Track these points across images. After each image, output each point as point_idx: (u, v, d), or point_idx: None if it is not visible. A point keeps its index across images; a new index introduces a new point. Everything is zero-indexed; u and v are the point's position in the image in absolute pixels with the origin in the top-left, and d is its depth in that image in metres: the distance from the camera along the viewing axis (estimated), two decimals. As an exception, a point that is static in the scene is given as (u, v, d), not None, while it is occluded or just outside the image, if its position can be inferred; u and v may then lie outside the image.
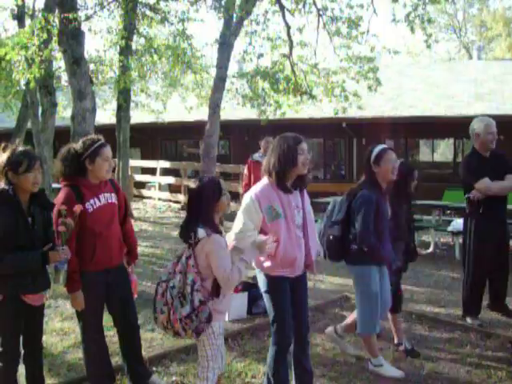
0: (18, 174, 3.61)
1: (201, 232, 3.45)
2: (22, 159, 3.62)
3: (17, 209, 3.62)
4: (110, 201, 4.21)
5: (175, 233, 12.25)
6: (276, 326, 3.99)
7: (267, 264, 3.94)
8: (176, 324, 3.46)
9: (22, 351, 3.85)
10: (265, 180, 4.00)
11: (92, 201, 4.07)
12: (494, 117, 6.67)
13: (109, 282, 4.20)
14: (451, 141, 17.78)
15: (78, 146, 4.15)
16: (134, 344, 4.49)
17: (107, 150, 4.15)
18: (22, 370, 3.88)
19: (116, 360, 4.87)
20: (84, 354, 4.32)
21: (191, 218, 3.59)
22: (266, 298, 4.07)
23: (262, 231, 3.88)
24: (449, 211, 12.07)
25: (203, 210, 3.53)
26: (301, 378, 4.21)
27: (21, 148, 3.71)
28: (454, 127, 16.10)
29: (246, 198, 3.94)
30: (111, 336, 5.46)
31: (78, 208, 3.69)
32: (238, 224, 3.89)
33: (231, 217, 3.78)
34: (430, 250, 10.76)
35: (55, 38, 9.40)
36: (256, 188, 3.98)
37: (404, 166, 4.99)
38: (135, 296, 4.54)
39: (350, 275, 4.91)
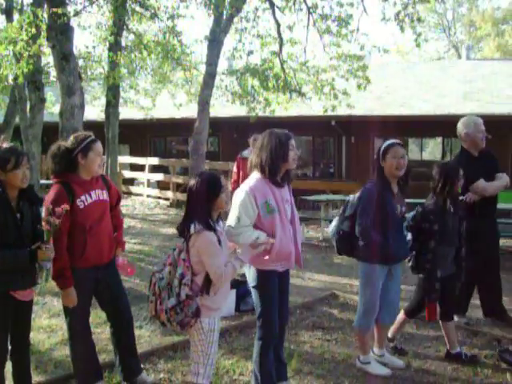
0: (5, 172, 3.58)
1: (192, 227, 3.45)
2: (9, 156, 3.59)
3: (6, 206, 3.60)
4: (101, 198, 4.22)
5: (164, 230, 12.25)
6: (263, 320, 4.02)
7: (260, 258, 3.92)
8: (162, 314, 3.51)
9: (10, 347, 3.83)
10: (256, 175, 3.99)
11: (83, 197, 4.07)
12: (483, 116, 6.69)
13: (98, 278, 4.21)
14: (440, 139, 17.87)
15: (68, 142, 4.16)
16: (129, 337, 4.49)
17: (99, 146, 4.18)
18: (8, 366, 3.86)
19: (103, 357, 4.87)
20: (71, 351, 4.30)
21: (188, 212, 3.58)
22: (254, 293, 4.07)
23: (255, 226, 3.88)
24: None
25: (199, 205, 3.51)
26: (278, 369, 4.23)
27: (6, 145, 3.68)
28: (443, 126, 16.13)
29: (241, 194, 3.90)
30: (98, 333, 5.46)
31: (62, 208, 3.66)
32: (233, 220, 3.85)
33: (222, 214, 3.74)
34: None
35: (44, 34, 9.33)
36: (249, 183, 3.96)
37: (447, 166, 4.96)
38: (133, 272, 4.67)
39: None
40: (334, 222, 4.88)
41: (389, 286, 4.68)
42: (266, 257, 3.90)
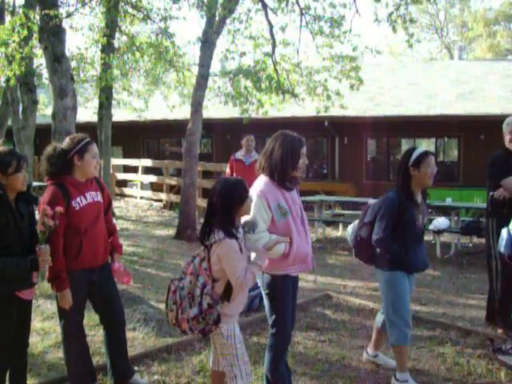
0: (6, 175, 3.58)
1: (216, 235, 3.38)
2: (10, 160, 3.58)
3: (7, 208, 3.60)
4: (95, 199, 4.22)
5: (157, 231, 12.24)
6: (278, 328, 3.92)
7: (275, 263, 3.82)
8: (183, 323, 3.48)
9: None
10: (264, 178, 3.89)
11: (78, 199, 4.07)
12: (475, 116, 6.73)
13: (93, 280, 4.20)
14: (433, 140, 17.92)
15: (64, 143, 4.17)
16: (120, 341, 4.47)
17: (95, 147, 4.21)
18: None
19: (97, 360, 4.86)
20: (65, 354, 4.29)
21: (210, 219, 3.49)
22: (268, 300, 3.94)
23: (269, 231, 3.77)
24: (430, 210, 12.14)
25: (223, 212, 3.43)
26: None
27: (4, 148, 3.67)
28: (436, 126, 16.25)
29: (252, 197, 3.73)
30: (91, 336, 5.45)
31: (57, 210, 3.65)
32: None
33: None
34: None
35: (36, 35, 9.32)
36: (259, 187, 3.83)
37: None
38: (129, 282, 4.60)
39: (378, 279, 4.64)
40: (352, 227, 4.78)
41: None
42: (277, 261, 3.80)
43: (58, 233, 3.84)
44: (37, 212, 3.80)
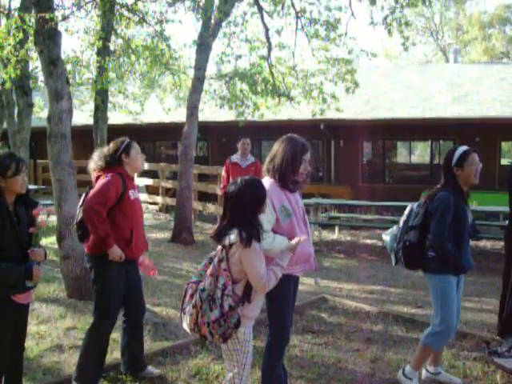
0: (5, 178, 3.58)
1: (234, 236, 3.30)
2: (9, 163, 3.59)
3: (4, 211, 3.59)
4: (138, 196, 4.66)
5: (153, 234, 12.21)
6: (278, 328, 3.94)
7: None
8: (203, 328, 3.34)
9: None
10: (269, 180, 3.93)
11: (132, 190, 4.50)
12: (470, 119, 6.73)
13: (127, 270, 4.51)
14: (428, 143, 17.96)
15: (110, 146, 4.56)
16: (138, 328, 4.76)
17: (137, 145, 4.64)
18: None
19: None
20: (85, 345, 4.44)
21: (229, 219, 3.40)
22: (269, 300, 3.93)
23: (273, 231, 3.78)
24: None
25: (246, 212, 3.36)
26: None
27: (4, 151, 3.69)
28: (431, 129, 16.29)
29: None
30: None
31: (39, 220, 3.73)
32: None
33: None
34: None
35: (31, 38, 9.29)
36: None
37: None
38: (155, 273, 4.92)
39: (428, 284, 4.53)
40: (390, 233, 4.67)
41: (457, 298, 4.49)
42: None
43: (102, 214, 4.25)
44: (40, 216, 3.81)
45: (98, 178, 4.48)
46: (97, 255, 4.39)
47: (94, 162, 4.53)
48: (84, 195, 4.51)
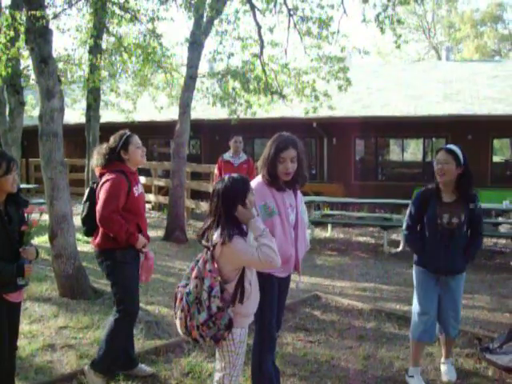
0: None
1: (216, 236, 3.29)
2: (0, 162, 3.57)
3: None
4: (141, 191, 4.69)
5: (146, 233, 12.18)
6: (261, 324, 3.93)
7: None
8: (193, 331, 3.32)
9: None
10: (259, 178, 3.96)
11: (136, 186, 4.56)
12: (462, 117, 6.74)
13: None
14: (421, 140, 18.01)
15: (109, 142, 4.59)
16: (132, 327, 4.74)
17: (136, 138, 4.70)
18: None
19: (86, 362, 4.82)
20: (109, 333, 4.45)
21: (213, 218, 3.37)
22: None
23: None
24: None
25: (226, 209, 3.32)
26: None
27: None
28: (424, 127, 16.32)
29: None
30: (80, 338, 5.42)
31: (31, 219, 3.73)
32: None
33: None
34: (400, 248, 10.89)
35: (22, 36, 9.26)
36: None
37: None
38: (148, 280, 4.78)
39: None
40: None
41: (445, 298, 4.60)
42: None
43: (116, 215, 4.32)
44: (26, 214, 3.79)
45: (101, 174, 4.51)
46: (107, 250, 4.44)
47: (96, 158, 4.59)
48: (89, 190, 4.59)
